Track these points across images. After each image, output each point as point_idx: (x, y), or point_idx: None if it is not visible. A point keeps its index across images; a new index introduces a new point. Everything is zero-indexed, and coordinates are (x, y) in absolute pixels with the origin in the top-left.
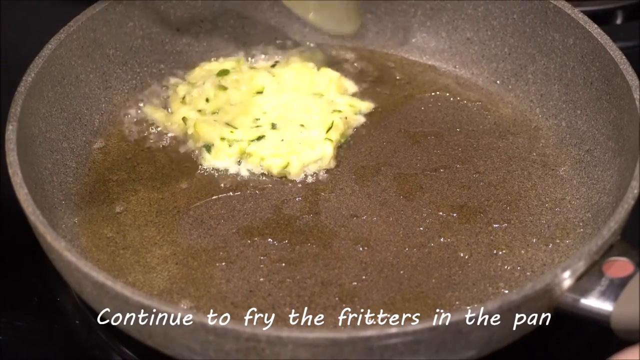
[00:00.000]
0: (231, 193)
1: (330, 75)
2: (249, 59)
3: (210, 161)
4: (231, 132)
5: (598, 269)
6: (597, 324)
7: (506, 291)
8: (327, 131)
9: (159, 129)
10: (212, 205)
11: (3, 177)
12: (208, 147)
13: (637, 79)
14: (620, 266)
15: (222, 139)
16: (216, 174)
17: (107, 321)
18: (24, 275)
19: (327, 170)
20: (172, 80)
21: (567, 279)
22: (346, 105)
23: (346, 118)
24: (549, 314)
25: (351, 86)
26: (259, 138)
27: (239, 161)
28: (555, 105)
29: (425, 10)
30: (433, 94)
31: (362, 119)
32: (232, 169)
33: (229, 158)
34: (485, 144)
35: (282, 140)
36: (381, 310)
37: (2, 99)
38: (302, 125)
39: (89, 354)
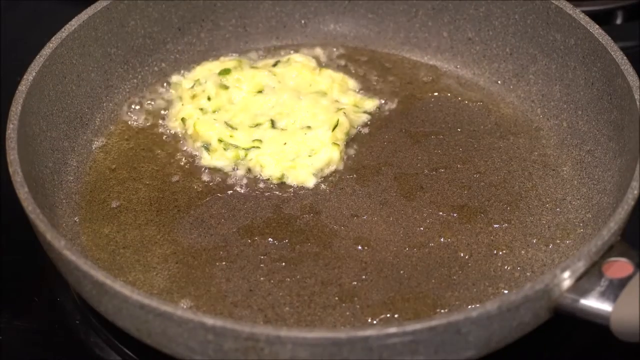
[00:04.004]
0: (231, 192)
1: (332, 75)
2: (251, 58)
3: (210, 161)
4: (230, 135)
5: (598, 269)
6: (596, 324)
7: (506, 291)
8: (333, 129)
9: (159, 128)
10: (212, 204)
11: (3, 175)
12: (207, 147)
13: (638, 79)
14: (620, 267)
15: (220, 140)
16: (216, 174)
17: (107, 321)
18: (24, 275)
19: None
20: (174, 79)
21: (566, 280)
22: (350, 104)
23: (350, 115)
24: (548, 315)
25: (353, 85)
26: (259, 141)
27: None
28: (557, 105)
29: (426, 10)
30: (434, 94)
31: (366, 117)
32: (232, 168)
33: (228, 159)
34: (486, 144)
35: (285, 143)
36: (381, 310)
37: (3, 98)
38: (308, 127)
39: (89, 354)
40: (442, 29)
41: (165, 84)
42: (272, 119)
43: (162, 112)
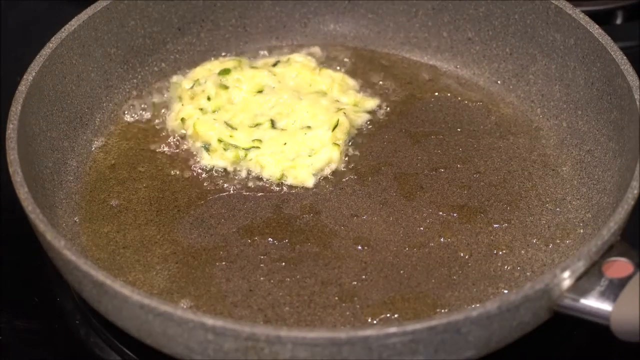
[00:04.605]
0: (231, 192)
1: (332, 75)
2: (250, 58)
3: (210, 160)
4: (230, 135)
5: (598, 269)
6: (596, 324)
7: (506, 291)
8: (333, 129)
9: (159, 127)
10: (212, 204)
11: (3, 175)
12: (207, 147)
13: (637, 79)
14: (619, 266)
15: (220, 140)
16: (216, 173)
17: (107, 321)
18: (24, 275)
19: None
20: (174, 79)
21: (566, 279)
22: (350, 104)
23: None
24: (548, 315)
25: (353, 85)
26: (259, 141)
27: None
28: (556, 105)
29: (426, 10)
30: (434, 94)
31: (366, 117)
32: (232, 169)
33: (228, 159)
34: (486, 144)
35: (285, 143)
36: (381, 310)
37: (3, 98)
38: (308, 127)
39: (89, 354)
40: (442, 29)
41: (165, 84)
42: (272, 119)
43: (162, 112)
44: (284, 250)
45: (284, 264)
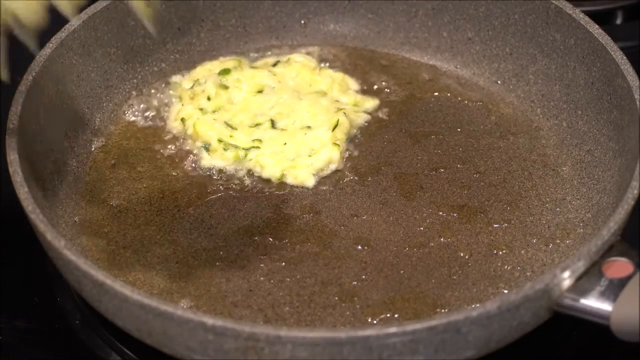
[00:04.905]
0: (231, 192)
1: (332, 75)
2: (251, 57)
3: (210, 161)
4: (230, 135)
5: (598, 269)
6: (596, 324)
7: (506, 291)
8: (333, 129)
9: (159, 128)
10: (212, 204)
11: (3, 175)
12: (207, 147)
13: (637, 79)
14: (619, 266)
15: (220, 141)
16: (216, 174)
17: (107, 321)
18: (24, 275)
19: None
20: (174, 79)
21: (566, 279)
22: (351, 103)
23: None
24: (548, 315)
25: (353, 85)
26: (259, 141)
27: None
28: (556, 105)
29: (426, 10)
30: (434, 94)
31: (366, 117)
32: (232, 169)
33: (228, 159)
34: (486, 144)
35: (285, 143)
36: (381, 310)
37: (3, 98)
38: (308, 127)
39: (89, 354)
40: (442, 29)
41: (165, 84)
42: (272, 119)
43: (162, 112)
44: (284, 250)
45: (284, 264)
